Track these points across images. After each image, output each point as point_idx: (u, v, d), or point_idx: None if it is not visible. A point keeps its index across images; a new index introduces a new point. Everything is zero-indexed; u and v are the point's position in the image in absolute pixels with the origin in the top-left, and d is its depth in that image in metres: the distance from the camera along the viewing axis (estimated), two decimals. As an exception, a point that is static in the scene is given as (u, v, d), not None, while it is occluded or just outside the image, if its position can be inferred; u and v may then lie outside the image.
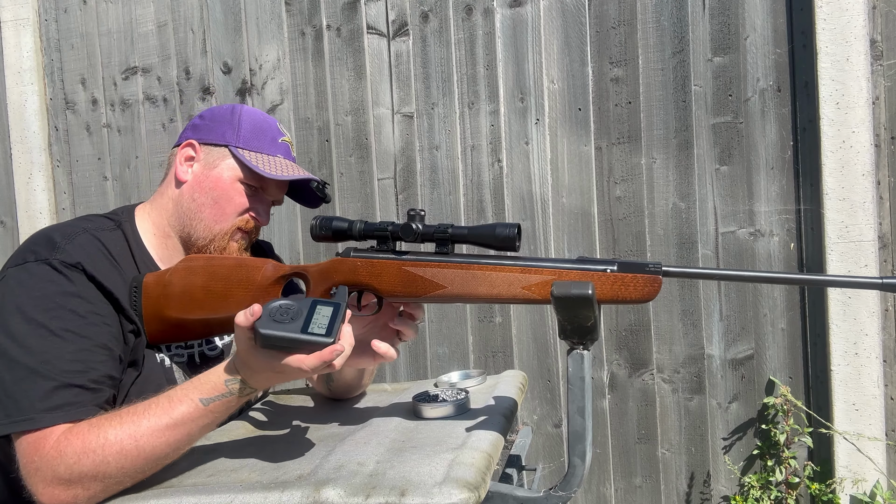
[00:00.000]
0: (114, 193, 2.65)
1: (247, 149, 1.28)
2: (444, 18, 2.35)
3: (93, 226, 1.19)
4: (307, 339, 0.93)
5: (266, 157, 1.29)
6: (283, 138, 1.34)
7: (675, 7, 2.17)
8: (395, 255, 1.10)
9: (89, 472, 0.96)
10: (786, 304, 2.13)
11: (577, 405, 1.01)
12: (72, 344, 1.04)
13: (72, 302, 1.07)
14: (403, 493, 0.88)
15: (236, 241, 1.29)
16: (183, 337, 1.21)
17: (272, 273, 1.15)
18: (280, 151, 1.32)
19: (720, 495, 2.20)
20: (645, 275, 1.00)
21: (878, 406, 2.02)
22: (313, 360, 0.94)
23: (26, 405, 0.99)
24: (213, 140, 1.29)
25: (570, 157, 2.27)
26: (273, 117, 1.48)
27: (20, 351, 1.02)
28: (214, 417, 1.02)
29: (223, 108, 1.33)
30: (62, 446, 0.97)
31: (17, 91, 2.68)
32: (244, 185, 1.28)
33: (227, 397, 1.01)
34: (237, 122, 1.29)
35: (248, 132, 1.29)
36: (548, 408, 2.32)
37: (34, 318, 1.04)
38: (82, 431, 0.98)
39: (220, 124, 1.30)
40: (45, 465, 0.96)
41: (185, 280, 1.16)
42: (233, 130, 1.28)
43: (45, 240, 1.13)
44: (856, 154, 2.01)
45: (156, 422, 0.98)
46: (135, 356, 1.15)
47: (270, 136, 1.31)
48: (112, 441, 0.96)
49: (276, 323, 0.94)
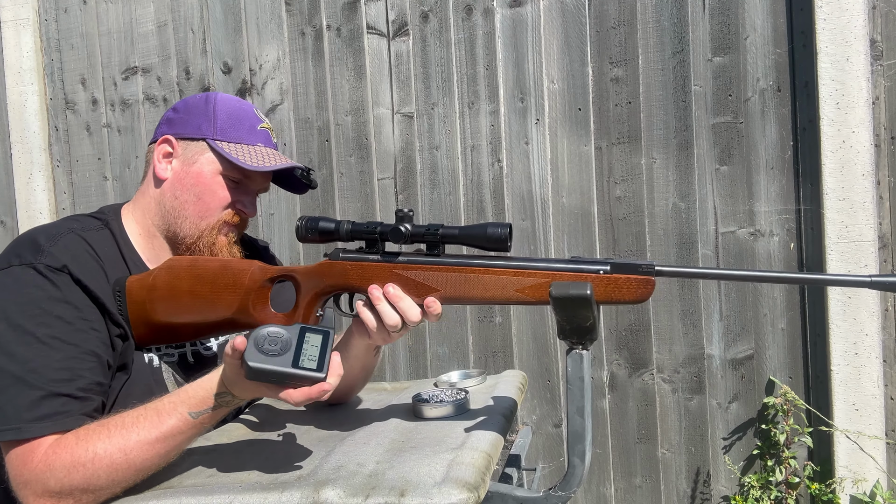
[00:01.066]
0: (114, 193, 2.65)
1: (225, 140, 1.24)
2: (444, 18, 2.35)
3: (79, 226, 1.16)
4: (298, 373, 0.91)
5: (246, 148, 1.24)
6: (262, 125, 1.29)
7: (675, 7, 2.17)
8: (386, 258, 1.08)
9: (80, 484, 0.95)
10: (786, 304, 2.13)
11: (577, 405, 1.01)
12: (59, 352, 1.02)
13: (58, 308, 1.04)
14: (403, 493, 0.88)
15: (224, 236, 1.25)
16: (172, 339, 1.18)
17: (260, 276, 1.13)
18: (260, 139, 1.27)
19: (720, 495, 2.20)
20: (638, 276, 0.99)
21: (878, 406, 2.02)
22: (300, 396, 0.93)
23: (12, 414, 0.98)
24: (189, 134, 1.24)
25: (570, 157, 2.27)
26: (249, 102, 1.42)
27: (6, 359, 1.00)
28: (204, 428, 1.01)
29: (197, 98, 1.28)
30: (51, 459, 0.95)
31: (17, 91, 2.68)
32: (226, 179, 1.24)
33: (216, 410, 1.00)
34: (212, 112, 1.24)
35: (225, 122, 1.24)
36: (548, 408, 2.32)
37: (20, 325, 1.02)
38: (69, 444, 0.96)
39: (196, 116, 1.25)
40: (34, 479, 0.95)
41: (169, 283, 1.13)
42: (209, 122, 1.24)
43: (29, 242, 1.10)
44: (856, 154, 2.01)
45: (145, 435, 0.97)
46: (124, 360, 1.13)
47: (248, 124, 1.27)
48: (101, 455, 0.95)
49: (265, 355, 0.91)
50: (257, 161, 1.22)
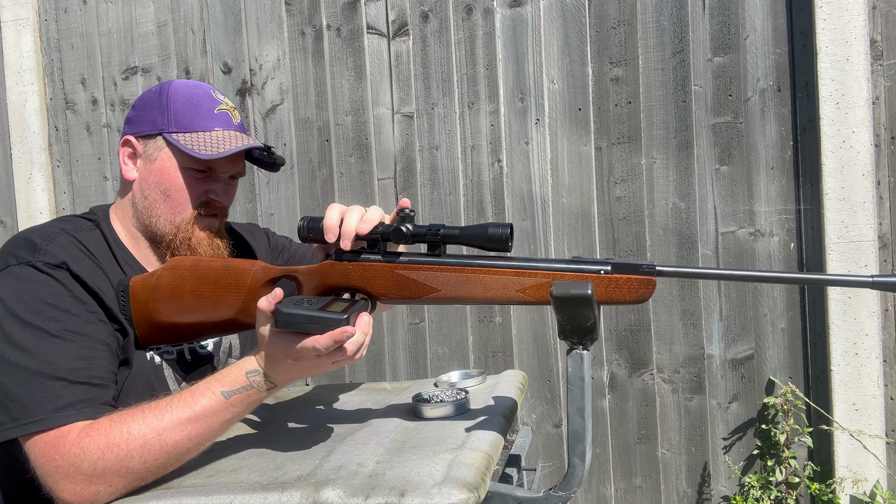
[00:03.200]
0: (113, 193, 2.65)
1: (180, 131, 1.20)
2: (444, 18, 2.35)
3: (71, 226, 1.17)
4: (322, 315, 0.97)
5: (202, 136, 1.20)
6: (220, 107, 1.24)
7: (675, 7, 2.17)
8: (387, 258, 1.08)
9: (113, 466, 0.96)
10: (786, 304, 2.13)
11: (577, 405, 1.01)
12: (73, 343, 1.04)
13: (64, 302, 1.06)
14: (403, 493, 0.88)
15: (202, 230, 1.23)
16: (175, 339, 1.19)
17: (262, 276, 1.13)
18: (218, 123, 1.23)
19: (720, 495, 2.20)
20: (639, 276, 0.99)
21: (878, 406, 2.02)
22: (326, 340, 0.96)
23: (35, 407, 0.99)
24: (146, 130, 1.22)
25: (570, 157, 2.27)
26: (207, 84, 1.35)
27: (20, 355, 1.02)
28: (235, 412, 1.03)
29: (151, 91, 1.25)
30: (84, 443, 0.97)
31: (17, 91, 2.68)
32: (190, 171, 1.21)
33: (248, 390, 1.02)
34: (165, 103, 1.21)
35: (180, 112, 1.21)
36: (548, 408, 2.32)
37: (29, 322, 1.03)
38: (104, 427, 0.98)
39: (150, 111, 1.22)
40: (66, 463, 0.96)
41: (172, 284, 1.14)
42: (162, 115, 1.21)
43: (24, 242, 1.11)
44: (856, 154, 2.01)
45: (178, 415, 0.99)
46: (126, 354, 1.14)
47: (205, 107, 1.22)
48: (136, 435, 0.97)
49: (296, 306, 0.98)
50: (212, 149, 1.18)
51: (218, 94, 1.27)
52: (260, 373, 1.03)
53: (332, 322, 0.96)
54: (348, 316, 0.98)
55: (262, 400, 1.06)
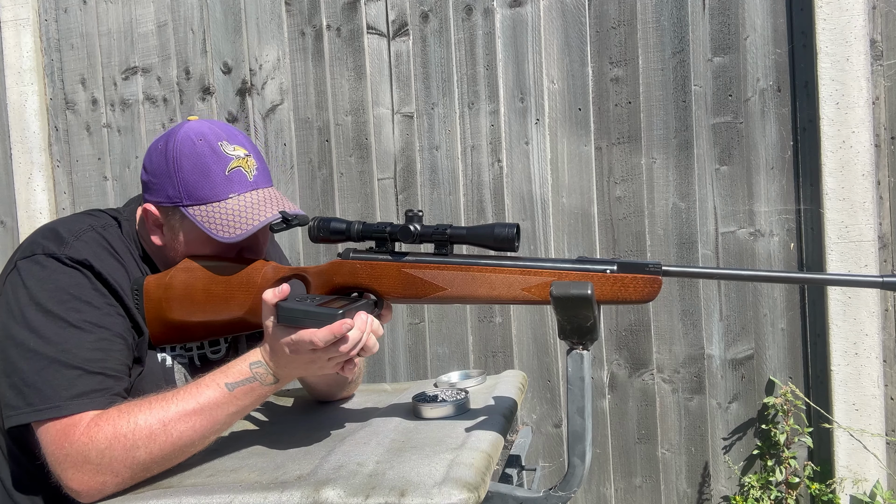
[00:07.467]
0: (114, 193, 2.65)
1: (195, 204, 1.14)
2: (444, 18, 2.35)
3: (98, 223, 1.20)
4: (317, 310, 1.00)
5: (219, 208, 1.14)
6: (232, 164, 1.16)
7: (675, 7, 2.17)
8: (395, 257, 1.10)
9: (120, 456, 0.98)
10: (786, 304, 2.13)
11: (577, 405, 1.01)
12: (91, 334, 1.06)
13: (86, 294, 1.09)
14: (403, 493, 0.88)
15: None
16: (186, 339, 1.21)
17: (272, 275, 1.15)
18: (233, 188, 1.15)
19: (720, 495, 2.20)
20: (645, 275, 1.00)
21: (878, 406, 2.02)
22: (324, 333, 0.98)
23: (50, 394, 1.01)
24: (162, 201, 1.17)
25: (570, 157, 2.27)
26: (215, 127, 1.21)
27: (40, 342, 1.04)
28: (239, 405, 1.05)
29: (158, 149, 1.19)
30: (93, 432, 0.99)
31: (17, 91, 2.68)
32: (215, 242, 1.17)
33: (251, 382, 1.05)
34: (174, 171, 1.15)
35: (189, 182, 1.15)
36: (548, 408, 2.32)
37: (51, 310, 1.06)
38: (112, 417, 1.01)
39: (162, 180, 1.17)
40: (75, 451, 0.99)
41: (185, 283, 1.16)
42: (174, 187, 1.15)
43: (52, 234, 1.14)
44: (856, 154, 2.01)
45: (183, 406, 1.02)
46: (139, 353, 1.17)
47: (215, 172, 1.15)
48: (142, 426, 0.99)
49: (297, 302, 1.03)
50: (230, 228, 1.13)
51: (226, 144, 1.17)
52: (262, 364, 1.05)
53: (327, 317, 0.99)
54: (344, 312, 1.00)
55: (267, 395, 1.08)
